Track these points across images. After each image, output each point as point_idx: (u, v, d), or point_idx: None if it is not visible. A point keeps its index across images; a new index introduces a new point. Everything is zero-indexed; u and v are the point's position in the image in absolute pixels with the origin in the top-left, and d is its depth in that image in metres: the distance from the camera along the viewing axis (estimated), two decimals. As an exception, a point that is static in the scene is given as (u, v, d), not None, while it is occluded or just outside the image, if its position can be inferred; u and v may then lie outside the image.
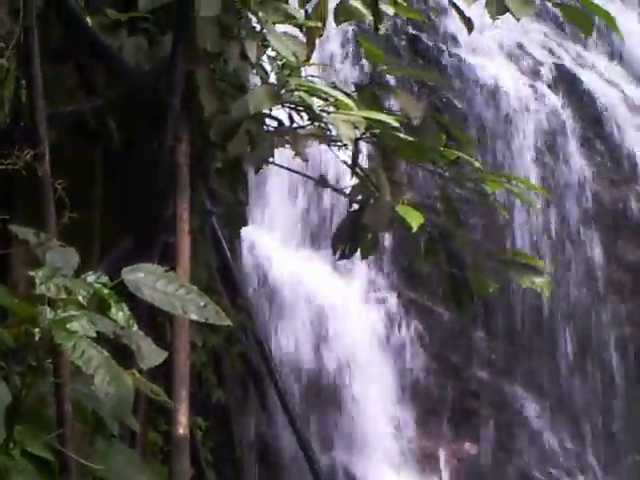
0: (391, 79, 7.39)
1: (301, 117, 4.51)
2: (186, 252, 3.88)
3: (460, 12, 4.94)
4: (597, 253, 8.82)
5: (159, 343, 2.80)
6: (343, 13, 4.84)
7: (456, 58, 9.44)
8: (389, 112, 4.78)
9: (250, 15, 4.02)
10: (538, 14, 9.87)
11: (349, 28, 9.16)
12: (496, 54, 9.83)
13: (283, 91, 4.03)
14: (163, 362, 2.76)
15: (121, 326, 2.55)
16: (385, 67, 5.11)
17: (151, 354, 2.60)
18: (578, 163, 9.12)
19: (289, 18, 4.06)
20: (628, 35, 10.12)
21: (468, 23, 4.94)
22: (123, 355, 2.71)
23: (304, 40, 4.43)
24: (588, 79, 9.86)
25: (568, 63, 10.01)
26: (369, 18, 4.86)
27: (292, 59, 3.87)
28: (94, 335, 2.51)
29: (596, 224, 8.92)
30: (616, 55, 10.48)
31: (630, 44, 10.34)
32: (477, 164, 4.96)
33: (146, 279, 2.62)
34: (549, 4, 5.56)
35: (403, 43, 9.55)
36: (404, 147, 4.54)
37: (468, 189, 5.24)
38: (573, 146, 9.26)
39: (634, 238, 8.94)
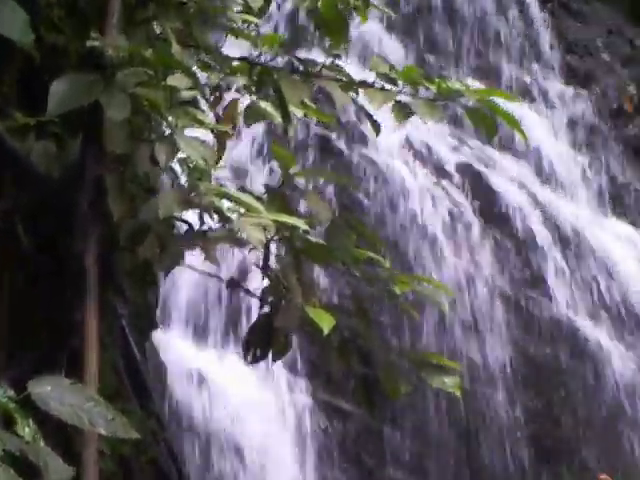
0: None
1: (212, 217, 4.52)
2: (94, 360, 3.82)
3: (368, 116, 5.02)
4: (508, 350, 8.93)
5: (68, 452, 2.73)
6: (253, 114, 4.88)
7: (365, 158, 9.59)
8: (299, 215, 4.82)
9: (160, 119, 4.04)
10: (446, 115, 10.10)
11: (259, 128, 9.28)
12: (404, 153, 10.01)
13: (193, 195, 4.03)
14: (72, 474, 2.69)
15: (27, 441, 2.49)
16: (295, 170, 5.15)
17: (59, 471, 2.53)
18: (485, 261, 9.25)
19: (198, 122, 4.08)
20: (531, 131, 10.42)
21: (376, 126, 5.02)
22: (30, 472, 2.63)
23: (214, 143, 4.49)
24: (494, 177, 10.08)
25: (474, 161, 10.22)
26: (279, 119, 4.91)
27: (202, 163, 3.89)
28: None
29: (506, 322, 9.04)
30: (521, 152, 10.75)
31: (534, 141, 10.62)
32: (387, 264, 5.00)
33: (53, 392, 2.57)
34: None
35: (313, 142, 9.68)
36: (314, 249, 4.58)
37: (378, 289, 5.27)
38: (480, 244, 9.41)
39: (543, 336, 9.08)
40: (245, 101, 4.84)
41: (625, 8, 13.45)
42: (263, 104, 4.86)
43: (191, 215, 4.58)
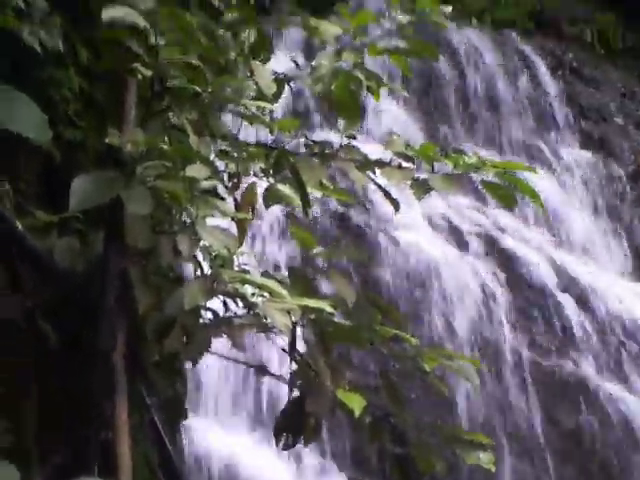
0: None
1: (236, 304, 4.52)
2: (126, 454, 3.79)
3: (386, 193, 5.03)
4: (538, 420, 8.83)
5: None
6: (272, 197, 4.90)
7: (385, 233, 9.60)
8: (323, 296, 4.81)
9: (180, 209, 4.06)
10: (463, 186, 10.15)
11: (279, 209, 9.33)
12: (423, 227, 10.02)
13: (216, 283, 4.03)
14: None
15: None
16: (316, 251, 5.16)
17: None
18: (512, 330, 9.20)
19: (219, 211, 4.10)
20: (549, 198, 10.43)
21: (395, 203, 5.02)
22: None
23: (235, 230, 4.51)
24: (514, 245, 10.07)
25: (494, 231, 10.22)
26: (297, 201, 4.93)
27: (224, 252, 3.90)
28: None
29: (535, 392, 8.95)
30: (541, 219, 10.76)
31: (553, 207, 10.63)
32: (414, 341, 4.97)
33: (88, 495, 2.55)
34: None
35: (332, 220, 9.71)
36: (341, 331, 4.57)
37: (407, 365, 5.24)
38: (506, 315, 9.37)
39: (573, 404, 8.98)
40: (263, 184, 4.87)
41: (637, 71, 13.56)
42: (281, 187, 4.87)
43: (216, 302, 4.59)
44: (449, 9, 4.95)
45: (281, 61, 5.47)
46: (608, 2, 13.83)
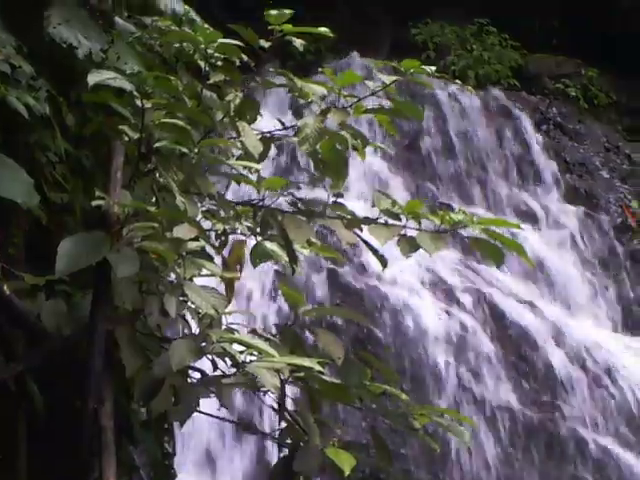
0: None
1: (225, 363, 4.52)
2: (114, 516, 3.77)
3: (374, 250, 5.05)
4: (531, 474, 8.80)
5: None
6: (259, 255, 4.92)
7: (373, 289, 9.61)
8: (312, 353, 4.81)
9: (168, 270, 4.07)
10: (450, 241, 10.19)
11: (267, 267, 9.34)
12: (413, 282, 10.03)
13: (204, 343, 4.04)
14: None
15: None
16: (305, 309, 5.16)
17: None
18: (503, 385, 9.19)
19: (206, 271, 4.12)
20: (537, 252, 10.46)
21: (382, 260, 5.04)
22: None
23: (223, 290, 4.52)
24: (504, 300, 10.08)
25: (483, 286, 10.24)
26: (285, 259, 4.94)
27: (211, 312, 3.91)
28: None
29: (527, 446, 8.93)
30: (530, 273, 10.78)
31: (539, 262, 10.65)
32: (404, 397, 4.97)
33: None
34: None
35: (321, 276, 9.73)
36: (330, 389, 4.56)
37: (397, 422, 5.23)
38: (497, 369, 9.36)
39: (568, 458, 8.96)
40: (251, 242, 4.89)
41: (621, 125, 13.71)
42: (269, 244, 4.90)
43: (205, 361, 4.59)
44: (433, 69, 5.01)
45: (268, 120, 5.51)
46: (591, 58, 14.00)
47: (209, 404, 4.69)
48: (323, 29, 5.03)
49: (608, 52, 13.77)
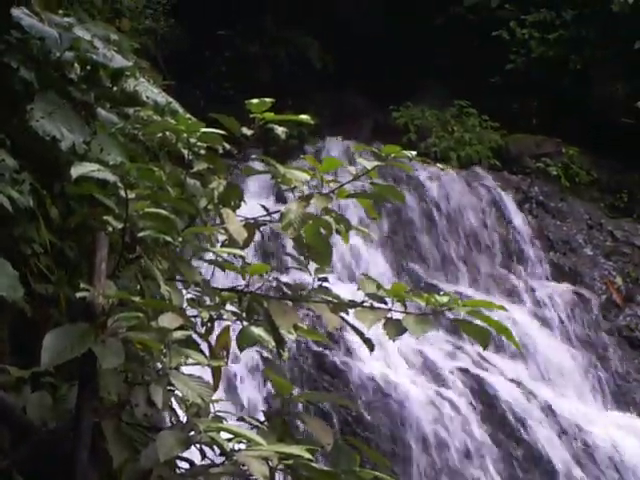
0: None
1: (214, 451, 4.48)
2: None
3: (360, 333, 5.05)
4: None
5: None
6: (246, 339, 4.90)
7: (361, 371, 9.58)
8: (300, 440, 4.78)
9: (153, 360, 4.06)
10: (436, 321, 10.17)
11: (254, 352, 9.31)
12: (399, 363, 10.01)
13: (192, 433, 4.01)
14: None
15: None
16: (292, 395, 5.13)
17: None
18: (493, 467, 9.14)
19: (193, 359, 4.11)
20: (524, 332, 10.47)
21: (369, 344, 5.04)
22: None
23: (210, 376, 4.50)
24: (492, 380, 10.06)
25: (470, 366, 10.22)
26: (272, 343, 4.94)
27: (198, 401, 3.89)
28: None
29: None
30: (517, 353, 10.77)
31: (528, 340, 10.65)
32: (394, 481, 4.93)
33: None
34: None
35: (308, 359, 9.69)
36: (318, 475, 4.51)
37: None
38: (486, 450, 9.30)
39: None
40: (237, 326, 4.88)
41: (603, 203, 13.84)
42: (255, 329, 4.89)
43: (193, 450, 4.55)
44: (414, 153, 5.05)
45: (252, 206, 5.54)
46: (571, 137, 14.18)
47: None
48: (304, 116, 5.09)
49: (587, 132, 13.96)
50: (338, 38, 15.65)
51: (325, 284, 5.00)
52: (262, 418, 5.00)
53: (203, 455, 4.48)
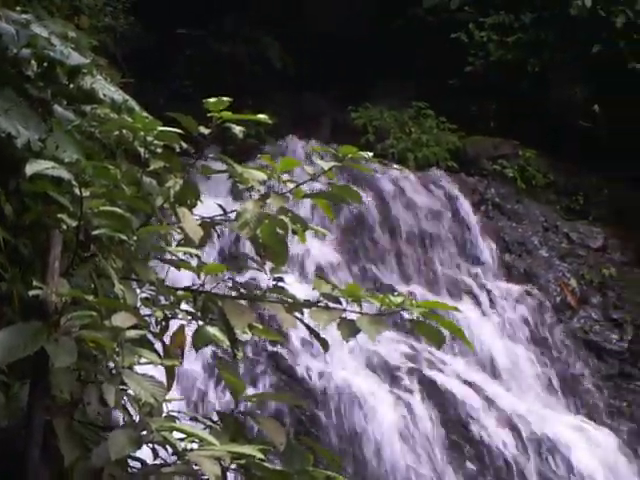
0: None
1: (166, 451, 4.48)
2: None
3: (315, 333, 5.07)
4: None
5: None
6: (201, 339, 4.90)
7: (317, 371, 9.60)
8: (254, 440, 4.79)
9: (106, 359, 4.05)
10: (391, 322, 10.23)
11: (208, 351, 9.29)
12: (354, 363, 10.04)
13: (144, 432, 4.00)
14: None
15: None
16: (246, 395, 5.15)
17: None
18: (445, 467, 9.18)
19: (146, 359, 4.10)
20: (478, 332, 10.54)
21: (324, 343, 5.06)
22: None
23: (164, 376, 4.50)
24: (446, 381, 10.11)
25: (424, 366, 10.27)
26: (227, 343, 4.94)
27: (151, 400, 3.89)
28: None
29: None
30: (471, 353, 10.83)
31: (482, 341, 10.72)
32: (345, 481, 4.95)
33: None
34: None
35: (263, 359, 9.69)
36: (271, 475, 4.53)
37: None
38: (440, 451, 9.35)
39: None
40: (192, 326, 4.88)
41: (559, 205, 13.95)
42: (210, 329, 4.89)
43: (145, 449, 4.54)
44: (370, 154, 5.08)
45: (208, 205, 5.54)
46: (529, 140, 14.28)
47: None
48: (262, 116, 5.10)
49: (545, 135, 14.07)
50: (299, 38, 15.66)
51: (281, 284, 5.01)
52: (215, 418, 5.01)
53: (155, 454, 4.49)
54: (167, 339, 4.87)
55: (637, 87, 13.47)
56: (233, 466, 4.54)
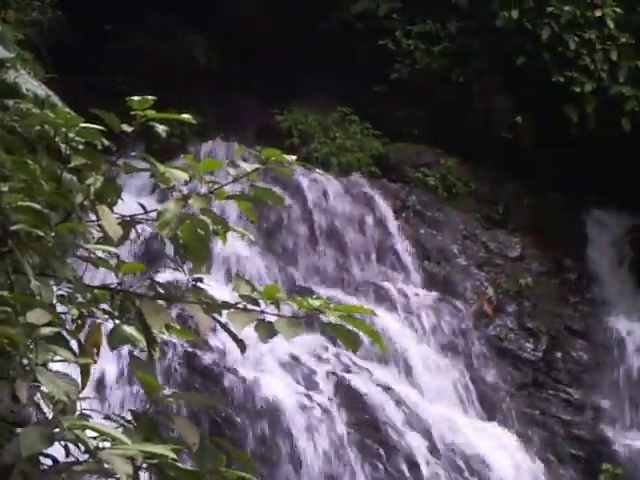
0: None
1: (78, 448, 4.45)
2: None
3: (232, 334, 5.07)
4: None
5: None
6: (117, 338, 4.88)
7: (232, 373, 9.59)
8: (168, 440, 4.78)
9: (20, 356, 4.02)
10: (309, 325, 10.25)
11: (124, 351, 9.23)
12: (272, 366, 10.06)
13: (57, 430, 3.97)
14: None
15: None
16: (161, 395, 5.13)
17: None
18: (358, 470, 9.25)
19: (61, 356, 4.07)
20: (395, 338, 10.62)
21: (241, 345, 5.07)
22: None
23: (77, 376, 4.47)
24: (361, 384, 10.18)
25: (341, 370, 10.33)
26: (143, 343, 4.93)
27: (64, 398, 3.86)
28: None
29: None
30: (387, 358, 10.92)
31: (399, 347, 10.81)
32: (259, 483, 4.97)
33: None
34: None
35: (179, 360, 9.67)
36: (183, 475, 4.52)
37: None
38: (353, 452, 9.41)
39: None
40: (108, 325, 4.86)
41: (479, 214, 14.11)
42: (127, 328, 4.87)
43: (57, 447, 4.51)
44: (294, 158, 5.10)
45: (131, 204, 5.51)
46: (452, 148, 14.43)
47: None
48: (186, 116, 5.09)
49: (468, 144, 14.23)
50: (226, 37, 15.64)
51: (200, 285, 5.01)
52: (130, 417, 4.98)
53: (67, 452, 4.46)
54: (83, 337, 4.84)
55: (560, 99, 13.70)
56: (145, 465, 4.54)
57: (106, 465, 4.37)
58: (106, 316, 4.83)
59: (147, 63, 15.65)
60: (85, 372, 4.67)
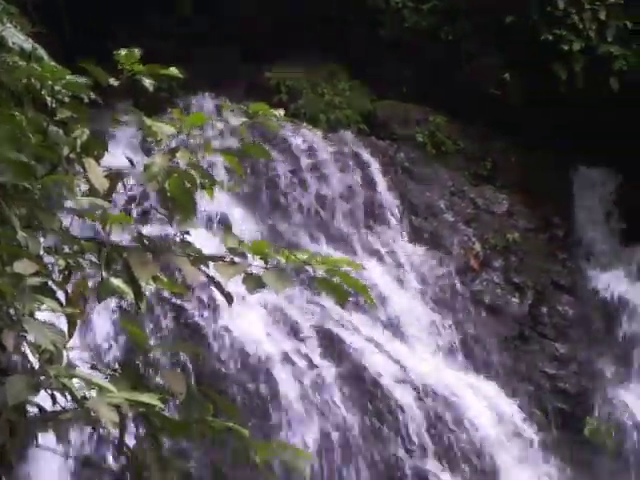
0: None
1: (65, 398, 4.51)
2: None
3: (219, 287, 5.12)
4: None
5: None
6: (104, 291, 4.91)
7: (220, 326, 9.65)
8: (155, 390, 4.84)
9: (6, 306, 4.06)
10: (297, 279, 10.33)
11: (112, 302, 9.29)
12: (259, 319, 10.12)
13: (43, 378, 4.03)
14: None
15: None
16: (149, 346, 5.19)
17: None
18: (348, 422, 9.33)
19: (48, 308, 4.12)
20: (382, 291, 10.67)
21: (228, 297, 5.11)
22: None
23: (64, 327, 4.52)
24: (349, 338, 10.25)
25: (329, 323, 10.39)
26: (131, 295, 4.96)
27: (51, 348, 3.91)
28: None
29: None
30: (374, 312, 10.97)
31: (386, 300, 10.87)
32: (246, 432, 5.03)
33: None
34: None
35: (167, 313, 9.72)
36: (170, 425, 4.59)
37: (240, 457, 5.27)
38: (342, 405, 9.50)
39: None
40: (96, 277, 4.89)
41: (467, 171, 14.15)
42: (114, 280, 4.91)
43: (44, 395, 4.56)
44: (282, 112, 5.12)
45: (118, 157, 5.54)
46: (441, 106, 14.43)
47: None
48: (173, 69, 5.10)
49: (457, 101, 14.22)
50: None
51: (187, 238, 5.04)
52: (117, 367, 5.04)
53: (54, 401, 4.51)
54: (70, 289, 4.88)
55: (549, 58, 13.69)
56: (133, 415, 4.59)
57: (92, 413, 4.44)
58: (93, 268, 4.87)
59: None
60: (72, 322, 4.72)
